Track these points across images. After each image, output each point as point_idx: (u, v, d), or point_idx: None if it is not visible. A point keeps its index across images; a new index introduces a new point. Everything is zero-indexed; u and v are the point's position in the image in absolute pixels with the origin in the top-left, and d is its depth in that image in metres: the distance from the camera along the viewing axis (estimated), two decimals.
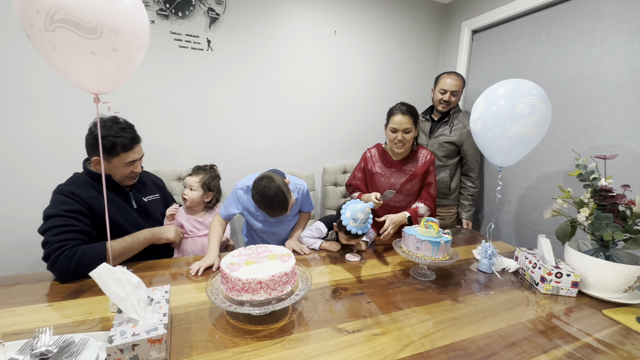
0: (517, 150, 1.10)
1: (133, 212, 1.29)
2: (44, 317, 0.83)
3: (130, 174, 1.25)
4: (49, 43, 0.66)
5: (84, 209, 1.10)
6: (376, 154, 1.64)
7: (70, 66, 0.71)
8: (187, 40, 1.77)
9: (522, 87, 1.04)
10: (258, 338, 0.79)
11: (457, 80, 1.90)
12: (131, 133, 1.20)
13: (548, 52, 1.72)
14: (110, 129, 1.14)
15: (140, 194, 1.36)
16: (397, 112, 1.48)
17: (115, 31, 0.71)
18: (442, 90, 1.92)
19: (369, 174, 1.64)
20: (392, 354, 0.75)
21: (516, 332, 0.86)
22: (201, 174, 1.55)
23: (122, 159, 1.18)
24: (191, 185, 1.52)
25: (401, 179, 1.57)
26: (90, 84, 0.77)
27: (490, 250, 1.24)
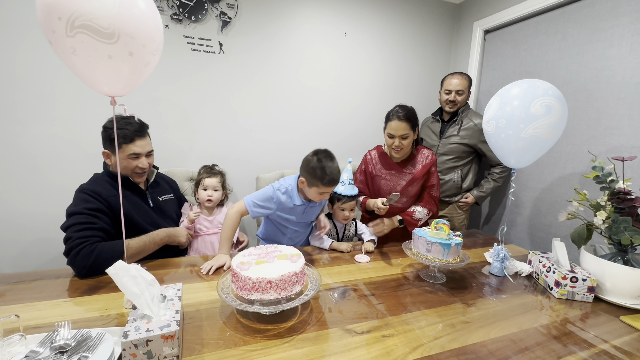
0: (531, 152, 1.08)
1: (150, 211, 1.32)
2: (62, 312, 0.86)
3: (136, 169, 1.25)
4: (70, 48, 0.69)
5: (104, 207, 1.14)
6: (376, 156, 1.63)
7: (88, 70, 0.74)
8: (199, 43, 1.80)
9: (537, 88, 1.02)
10: (268, 337, 0.80)
11: (461, 80, 1.89)
12: (136, 126, 1.21)
13: (564, 52, 1.69)
14: (117, 122, 1.17)
15: (156, 194, 1.39)
16: (393, 118, 1.43)
17: (131, 36, 0.74)
18: (447, 91, 1.93)
19: (370, 176, 1.63)
20: (402, 355, 0.75)
21: (529, 337, 0.85)
22: (218, 175, 1.61)
23: (124, 150, 1.20)
24: (214, 186, 1.58)
25: (402, 182, 1.56)
26: (107, 87, 0.79)
27: (502, 254, 1.22)
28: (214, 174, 1.60)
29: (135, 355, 0.64)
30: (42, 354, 0.64)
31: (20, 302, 0.90)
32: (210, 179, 1.57)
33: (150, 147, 1.29)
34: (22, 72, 1.58)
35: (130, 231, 1.19)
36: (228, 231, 1.29)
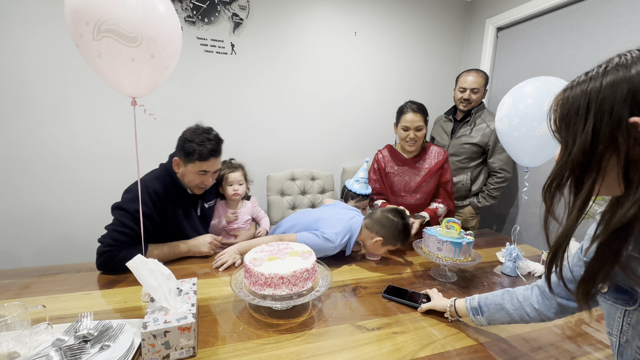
0: (545, 150, 1.06)
1: (196, 218, 1.34)
2: (84, 304, 0.90)
3: (200, 184, 1.26)
4: (96, 51, 0.73)
5: (154, 212, 1.17)
6: (387, 154, 1.65)
7: (113, 72, 0.78)
8: (212, 45, 1.84)
9: (552, 85, 1.01)
10: (280, 331, 0.82)
11: (477, 77, 1.83)
12: (213, 145, 1.20)
13: (580, 49, 1.65)
14: (197, 135, 1.19)
15: (204, 202, 1.40)
16: (408, 111, 1.48)
17: (153, 39, 0.77)
18: (461, 89, 1.87)
19: (383, 173, 1.64)
20: (412, 352, 0.76)
21: (542, 337, 0.84)
22: (239, 169, 1.57)
23: (196, 166, 1.20)
24: (238, 180, 1.55)
25: (416, 177, 1.57)
26: (129, 88, 0.83)
27: (515, 253, 1.20)
28: (235, 168, 1.56)
29: (154, 345, 0.67)
30: (67, 341, 0.67)
31: (44, 294, 0.95)
32: (233, 173, 1.54)
33: (219, 166, 1.29)
34: (43, 73, 1.65)
35: (174, 237, 1.24)
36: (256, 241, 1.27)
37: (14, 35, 1.57)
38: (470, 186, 1.92)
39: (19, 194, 1.70)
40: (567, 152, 0.47)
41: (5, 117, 1.62)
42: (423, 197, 1.59)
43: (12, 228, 1.71)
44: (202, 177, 1.23)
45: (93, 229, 1.83)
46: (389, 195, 1.64)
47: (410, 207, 1.57)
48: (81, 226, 1.82)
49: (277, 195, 2.03)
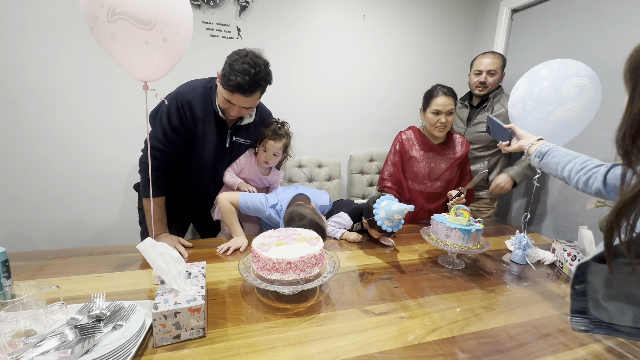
0: (560, 136, 1.03)
1: (224, 149, 1.33)
2: (96, 286, 0.92)
3: (226, 111, 1.21)
4: (110, 34, 0.72)
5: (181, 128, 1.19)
6: (413, 137, 1.58)
7: (125, 55, 0.77)
8: (218, 29, 1.81)
9: (569, 68, 0.97)
10: (287, 315, 0.82)
11: (494, 59, 1.72)
12: (247, 82, 1.09)
13: (600, 31, 1.57)
14: (239, 62, 1.09)
15: (236, 135, 1.34)
16: (439, 94, 1.43)
17: (167, 23, 0.77)
18: (477, 72, 1.76)
19: (405, 157, 1.58)
20: (419, 336, 0.76)
21: (551, 324, 0.83)
22: (283, 139, 1.41)
23: (223, 92, 1.14)
24: (275, 151, 1.41)
25: (441, 164, 1.53)
26: (141, 72, 0.82)
27: (524, 241, 1.19)
28: (279, 136, 1.39)
29: (165, 325, 0.68)
30: (81, 321, 0.69)
31: (58, 276, 0.97)
32: (274, 142, 1.38)
33: (249, 105, 1.19)
34: (52, 59, 1.64)
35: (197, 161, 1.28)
36: (230, 217, 1.27)
37: (23, 21, 1.57)
38: (488, 175, 1.83)
39: (30, 179, 1.73)
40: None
41: (15, 103, 1.63)
42: (443, 186, 1.56)
43: (25, 213, 1.75)
44: (227, 104, 1.17)
45: (103, 215, 1.88)
46: (406, 180, 1.59)
47: (431, 195, 1.55)
48: (92, 211, 1.85)
49: (284, 182, 2.02)
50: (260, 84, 1.15)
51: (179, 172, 1.31)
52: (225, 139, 1.32)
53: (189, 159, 1.29)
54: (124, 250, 1.16)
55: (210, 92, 1.23)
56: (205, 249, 1.22)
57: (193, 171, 1.33)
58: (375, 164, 2.26)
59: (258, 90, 1.16)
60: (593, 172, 0.79)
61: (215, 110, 1.23)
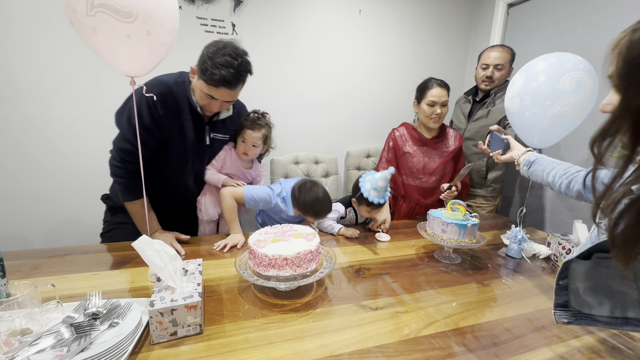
0: (557, 131, 1.03)
1: (204, 147, 1.26)
2: (92, 284, 0.92)
3: (206, 107, 1.15)
4: (90, 28, 0.70)
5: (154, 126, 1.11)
6: (405, 133, 1.59)
7: (109, 50, 0.75)
8: (212, 24, 1.79)
9: (567, 62, 0.97)
10: (284, 311, 0.83)
11: (502, 53, 1.65)
12: (231, 74, 1.03)
13: (594, 25, 1.58)
14: (220, 55, 1.03)
15: (214, 131, 1.29)
16: (434, 85, 1.45)
17: (149, 15, 0.74)
18: (484, 65, 1.69)
19: (399, 153, 1.59)
20: (416, 330, 0.76)
21: (545, 317, 0.84)
22: (262, 129, 1.35)
23: (204, 87, 1.07)
24: (254, 142, 1.34)
25: (435, 158, 1.54)
26: (127, 67, 0.81)
27: (520, 235, 1.19)
28: (258, 126, 1.33)
29: (162, 322, 0.68)
30: (77, 319, 0.68)
31: (54, 274, 0.96)
32: (253, 132, 1.32)
33: (233, 98, 1.15)
34: (42, 55, 1.62)
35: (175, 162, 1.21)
36: (231, 213, 1.27)
37: (12, 17, 1.54)
38: (485, 174, 1.78)
39: (23, 178, 1.71)
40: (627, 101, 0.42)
41: (5, 101, 1.61)
42: (438, 180, 1.57)
43: (20, 212, 1.74)
44: (208, 100, 1.11)
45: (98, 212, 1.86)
46: (401, 176, 1.60)
47: (427, 190, 1.56)
48: (86, 209, 1.83)
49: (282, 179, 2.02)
50: (244, 75, 1.10)
51: (155, 174, 1.20)
52: (204, 136, 1.24)
53: (166, 160, 1.20)
54: (120, 248, 1.16)
55: (183, 87, 1.15)
56: (201, 246, 1.22)
57: (171, 172, 1.24)
58: (372, 159, 2.26)
59: (241, 82, 1.11)
60: (574, 176, 0.87)
61: (192, 105, 1.16)
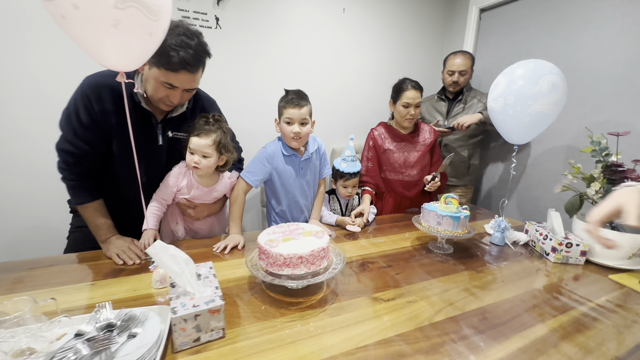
0: (535, 128, 1.14)
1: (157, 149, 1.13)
2: (91, 295, 0.86)
3: (164, 99, 1.02)
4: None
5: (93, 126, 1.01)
6: (384, 131, 1.67)
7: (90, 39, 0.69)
8: (195, 17, 1.71)
9: (543, 67, 1.07)
10: (301, 309, 0.84)
11: (464, 59, 1.88)
12: (190, 56, 0.93)
13: (557, 32, 1.75)
14: (174, 35, 0.92)
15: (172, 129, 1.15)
16: (409, 88, 1.52)
17: None
18: (450, 72, 1.93)
19: (380, 151, 1.66)
20: (429, 317, 0.82)
21: (535, 297, 0.94)
22: (211, 134, 1.13)
23: (162, 75, 0.95)
24: (203, 151, 1.11)
25: (414, 152, 1.64)
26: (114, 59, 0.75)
27: (503, 225, 1.31)
28: (205, 132, 1.12)
29: (185, 329, 0.66)
30: (89, 333, 0.64)
31: (41, 288, 0.88)
32: (199, 139, 1.10)
33: (194, 84, 1.03)
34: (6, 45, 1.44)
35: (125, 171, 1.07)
36: (237, 211, 1.28)
37: None
38: (468, 162, 2.00)
39: None
40: None
41: None
42: (419, 173, 1.66)
43: None
44: (167, 90, 0.98)
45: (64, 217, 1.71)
46: (384, 172, 1.68)
47: (409, 183, 1.64)
48: (57, 215, 1.68)
49: None
50: (203, 57, 1.00)
51: (108, 178, 1.13)
52: (157, 135, 1.12)
53: (113, 162, 1.11)
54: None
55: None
56: (196, 249, 1.18)
57: (123, 176, 1.13)
58: (358, 156, 2.31)
59: (202, 64, 1.01)
60: None
61: (136, 100, 1.04)
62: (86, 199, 1.08)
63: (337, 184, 1.54)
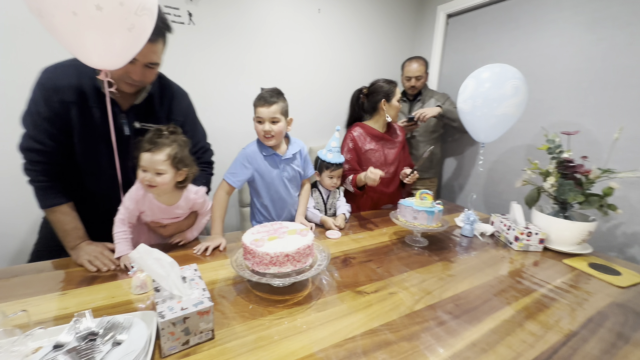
0: (499, 128, 1.24)
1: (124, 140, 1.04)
2: (64, 305, 0.81)
3: (125, 77, 0.95)
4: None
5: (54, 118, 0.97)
6: (363, 132, 1.71)
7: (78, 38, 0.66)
8: (166, 12, 1.63)
9: (507, 71, 1.17)
10: (289, 306, 0.85)
11: (419, 65, 2.07)
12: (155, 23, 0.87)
13: (516, 39, 1.89)
14: None
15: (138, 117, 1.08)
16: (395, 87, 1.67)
17: None
18: (407, 77, 2.11)
19: (360, 152, 1.71)
20: (410, 306, 0.87)
21: (502, 283, 1.03)
22: (164, 148, 0.99)
23: None
24: (156, 168, 0.98)
25: (392, 149, 1.72)
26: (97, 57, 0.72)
27: (472, 217, 1.41)
28: (156, 146, 0.98)
29: (174, 333, 0.65)
30: (70, 344, 0.61)
31: (7, 300, 0.82)
32: (151, 155, 0.97)
33: (153, 57, 0.96)
34: None
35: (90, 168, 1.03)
36: (218, 211, 1.27)
37: None
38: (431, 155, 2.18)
39: None
40: None
41: None
42: (395, 169, 1.75)
43: None
44: (126, 66, 0.91)
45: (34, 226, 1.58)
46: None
47: (389, 180, 1.71)
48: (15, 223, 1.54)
49: None
50: (163, 28, 0.95)
51: (73, 175, 1.07)
52: (122, 126, 1.05)
53: (77, 156, 1.05)
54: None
55: (85, 69, 0.93)
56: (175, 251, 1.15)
57: (89, 171, 1.08)
58: None
59: (162, 36, 0.96)
60: None
61: (97, 86, 0.98)
62: (55, 201, 1.02)
63: (323, 175, 1.55)
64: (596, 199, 1.18)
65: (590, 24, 1.57)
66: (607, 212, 1.19)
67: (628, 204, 1.55)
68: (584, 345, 0.74)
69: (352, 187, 1.66)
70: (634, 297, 0.96)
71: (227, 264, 1.06)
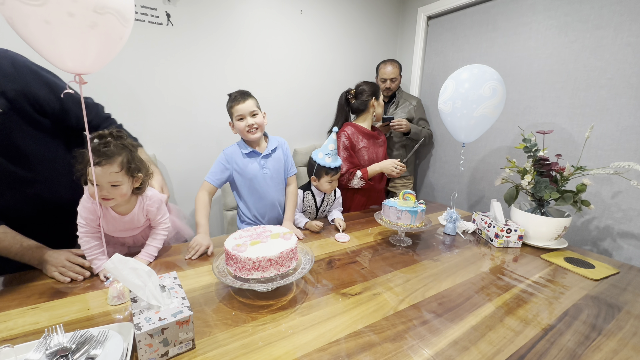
0: (479, 128, 1.27)
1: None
2: (34, 320, 0.77)
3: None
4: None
5: None
6: (354, 131, 1.72)
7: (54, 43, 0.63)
8: (143, 12, 1.60)
9: (485, 73, 1.20)
10: (272, 311, 0.84)
11: (393, 68, 2.15)
12: None
13: (494, 41, 1.95)
14: None
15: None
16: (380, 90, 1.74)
17: None
18: (382, 79, 2.18)
19: (355, 149, 1.72)
20: (394, 307, 0.87)
21: (483, 279, 1.05)
22: (115, 158, 0.90)
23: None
24: (113, 180, 0.90)
25: (381, 147, 1.78)
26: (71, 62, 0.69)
27: (454, 216, 1.43)
28: (107, 158, 0.88)
29: (151, 345, 0.63)
30: None
31: None
32: (102, 169, 0.88)
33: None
34: None
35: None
36: (201, 211, 1.29)
37: None
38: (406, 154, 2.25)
39: None
40: None
41: None
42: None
43: None
44: None
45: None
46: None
47: (381, 176, 1.75)
48: None
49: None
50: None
51: None
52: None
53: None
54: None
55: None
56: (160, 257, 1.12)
57: None
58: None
59: None
60: None
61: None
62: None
63: (322, 180, 1.47)
64: (570, 195, 1.23)
65: (562, 27, 1.63)
66: (581, 208, 1.23)
67: (600, 199, 1.62)
68: (560, 339, 0.77)
69: (362, 182, 1.67)
70: (606, 290, 1.00)
71: (208, 270, 1.04)
